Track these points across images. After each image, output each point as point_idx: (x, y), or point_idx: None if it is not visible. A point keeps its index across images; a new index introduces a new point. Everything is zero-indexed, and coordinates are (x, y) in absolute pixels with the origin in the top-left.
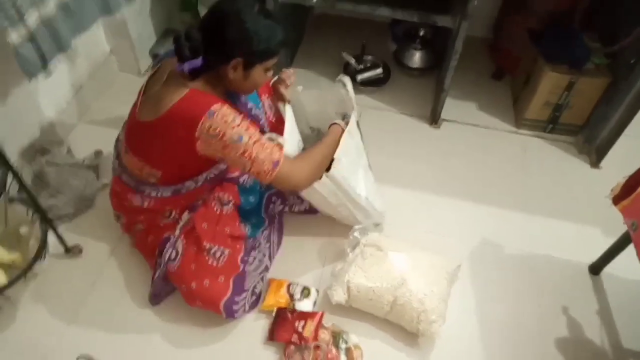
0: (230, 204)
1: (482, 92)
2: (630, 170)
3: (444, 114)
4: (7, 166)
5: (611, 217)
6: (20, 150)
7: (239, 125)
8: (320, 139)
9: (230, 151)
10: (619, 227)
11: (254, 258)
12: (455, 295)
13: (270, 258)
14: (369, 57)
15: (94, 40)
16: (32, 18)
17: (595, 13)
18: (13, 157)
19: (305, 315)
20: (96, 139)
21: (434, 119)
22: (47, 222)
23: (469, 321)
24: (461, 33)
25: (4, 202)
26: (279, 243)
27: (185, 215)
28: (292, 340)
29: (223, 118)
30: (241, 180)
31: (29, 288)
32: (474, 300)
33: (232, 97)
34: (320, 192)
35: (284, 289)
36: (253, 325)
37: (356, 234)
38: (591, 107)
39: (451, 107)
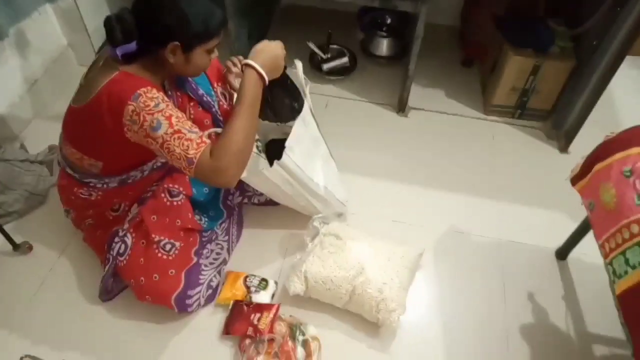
0: (181, 196)
1: (450, 80)
2: None
3: (412, 102)
4: None
5: (578, 202)
6: None
7: (160, 112)
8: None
9: (150, 141)
10: (584, 210)
11: (211, 251)
12: (419, 284)
13: (229, 251)
14: (335, 47)
15: (49, 34)
16: None
17: None
18: None
19: (261, 308)
20: (53, 134)
21: (402, 107)
22: None
23: (432, 310)
24: (421, 17)
25: None
26: (238, 236)
27: (134, 208)
28: (248, 333)
29: (146, 102)
30: None
31: None
32: (438, 289)
33: (181, 83)
34: (272, 181)
35: (240, 281)
36: (209, 320)
37: (315, 223)
38: (558, 91)
39: (419, 95)
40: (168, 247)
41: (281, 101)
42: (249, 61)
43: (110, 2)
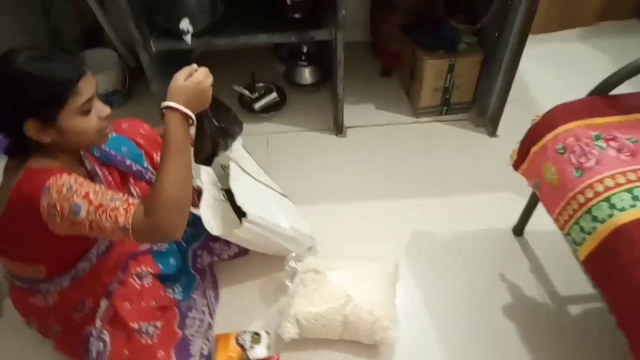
0: (149, 276)
1: (376, 92)
2: (523, 132)
3: (346, 122)
4: None
5: (520, 179)
6: None
7: (74, 194)
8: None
9: (78, 227)
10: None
11: (193, 319)
12: (401, 296)
13: (211, 314)
14: (261, 84)
15: None
16: None
17: None
18: None
19: None
20: None
21: (339, 129)
22: None
23: (420, 317)
24: (339, 43)
25: None
26: (217, 296)
27: (104, 302)
28: None
29: (58, 191)
30: (153, 247)
31: None
32: (420, 296)
33: (104, 157)
34: (245, 238)
35: (232, 343)
36: None
37: (291, 263)
38: (474, 83)
39: (351, 113)
40: (151, 330)
41: (210, 136)
42: (169, 103)
43: None
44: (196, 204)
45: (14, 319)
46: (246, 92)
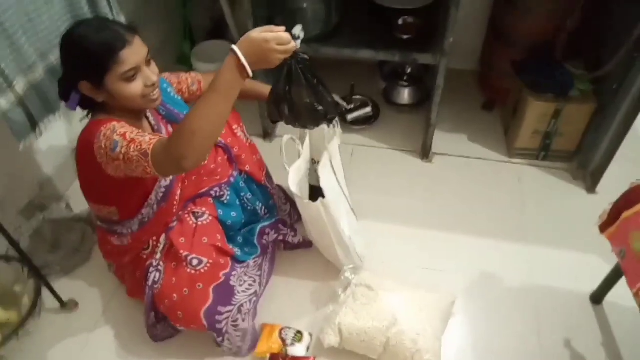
0: (206, 215)
1: (473, 124)
2: None
3: (435, 148)
4: None
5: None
6: (20, 208)
7: (116, 133)
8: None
9: (117, 163)
10: None
11: (243, 281)
12: (451, 333)
13: (261, 285)
14: (358, 97)
15: None
16: (21, 84)
17: (578, 41)
18: (12, 215)
19: None
20: None
21: (425, 154)
22: (40, 278)
23: (466, 358)
24: (441, 69)
25: None
26: (270, 273)
27: (163, 237)
28: None
29: (105, 135)
30: (213, 192)
31: (23, 347)
32: (471, 337)
33: (169, 116)
34: (311, 214)
35: (276, 334)
36: None
37: (347, 274)
38: (581, 133)
39: (443, 140)
40: (195, 262)
41: (300, 100)
42: (233, 46)
43: None
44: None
45: (98, 265)
46: (342, 102)
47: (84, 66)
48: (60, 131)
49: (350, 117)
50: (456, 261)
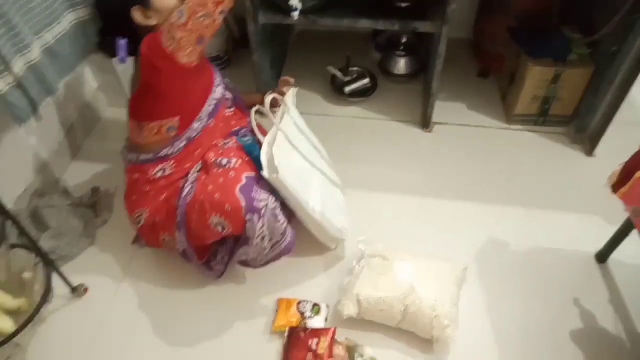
0: (231, 142)
1: (470, 92)
2: (624, 156)
3: (435, 117)
4: (5, 214)
5: (612, 204)
6: (17, 195)
7: (177, 11)
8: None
9: (189, 33)
10: (621, 213)
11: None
12: (465, 298)
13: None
14: (355, 69)
15: (81, 80)
16: (18, 65)
17: (573, 6)
18: (10, 203)
19: (318, 333)
20: (91, 175)
21: (426, 124)
22: (49, 264)
23: (481, 323)
24: (443, 38)
25: (6, 249)
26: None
27: (199, 163)
28: (307, 359)
29: (167, 28)
30: (240, 132)
31: (37, 333)
32: (484, 302)
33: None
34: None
35: (294, 308)
36: (267, 347)
37: (361, 246)
38: (579, 97)
39: (441, 109)
40: (224, 162)
41: None
42: None
43: None
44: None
45: (104, 248)
46: (339, 74)
47: None
48: (52, 116)
49: (348, 89)
50: (463, 229)
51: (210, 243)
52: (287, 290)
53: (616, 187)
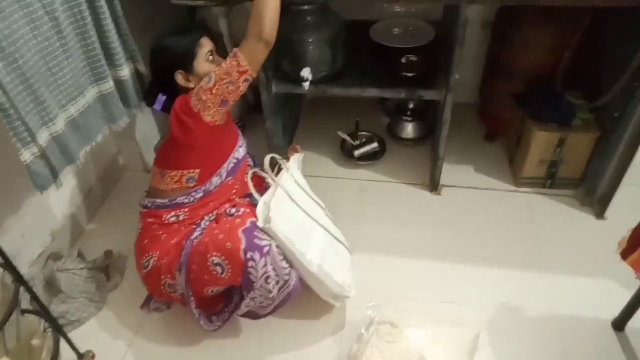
0: (245, 200)
1: (477, 155)
2: (635, 219)
3: (443, 180)
4: (19, 279)
5: (627, 268)
6: (32, 258)
7: (207, 78)
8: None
9: (213, 91)
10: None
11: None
12: None
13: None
14: (364, 133)
15: (101, 145)
16: (43, 136)
17: (576, 72)
18: (25, 266)
19: None
20: (106, 239)
21: (434, 186)
22: (58, 331)
23: None
24: (447, 104)
25: (17, 316)
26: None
27: (214, 214)
28: None
29: (198, 89)
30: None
31: None
32: None
33: None
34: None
35: None
36: None
37: (369, 312)
38: (585, 160)
39: (449, 172)
40: (232, 211)
41: None
42: None
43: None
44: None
45: (114, 312)
46: (348, 138)
47: (178, 58)
48: (71, 180)
49: (357, 152)
50: (474, 293)
51: (211, 295)
52: (293, 354)
53: (625, 253)
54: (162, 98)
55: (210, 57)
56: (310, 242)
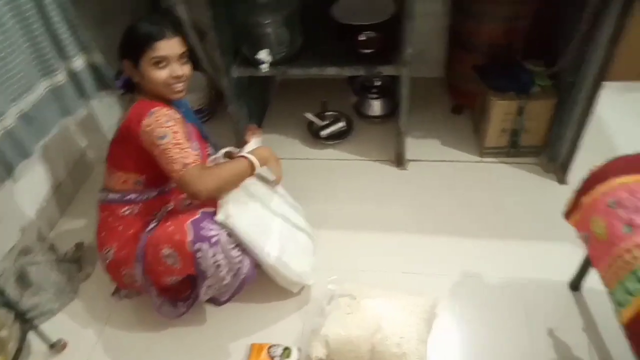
0: None
1: (444, 128)
2: None
3: (409, 155)
4: None
5: None
6: (3, 253)
7: (168, 127)
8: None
9: (155, 149)
10: None
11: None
12: (437, 334)
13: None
14: (331, 113)
15: (68, 139)
16: None
17: (536, 41)
18: None
19: None
20: (79, 231)
21: (400, 161)
22: (25, 322)
23: (454, 358)
24: (404, 79)
25: None
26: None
27: (170, 205)
28: None
29: (157, 118)
30: None
31: None
32: (457, 336)
33: (187, 117)
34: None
35: (264, 353)
36: None
37: (331, 286)
38: (546, 127)
39: (416, 146)
40: (187, 202)
41: None
42: (248, 155)
43: (122, 102)
44: None
45: (85, 302)
46: (315, 119)
47: (128, 47)
48: (40, 175)
49: (323, 132)
50: (438, 263)
51: (173, 283)
52: (260, 333)
53: (569, 214)
54: (123, 78)
55: (161, 63)
56: (269, 233)
